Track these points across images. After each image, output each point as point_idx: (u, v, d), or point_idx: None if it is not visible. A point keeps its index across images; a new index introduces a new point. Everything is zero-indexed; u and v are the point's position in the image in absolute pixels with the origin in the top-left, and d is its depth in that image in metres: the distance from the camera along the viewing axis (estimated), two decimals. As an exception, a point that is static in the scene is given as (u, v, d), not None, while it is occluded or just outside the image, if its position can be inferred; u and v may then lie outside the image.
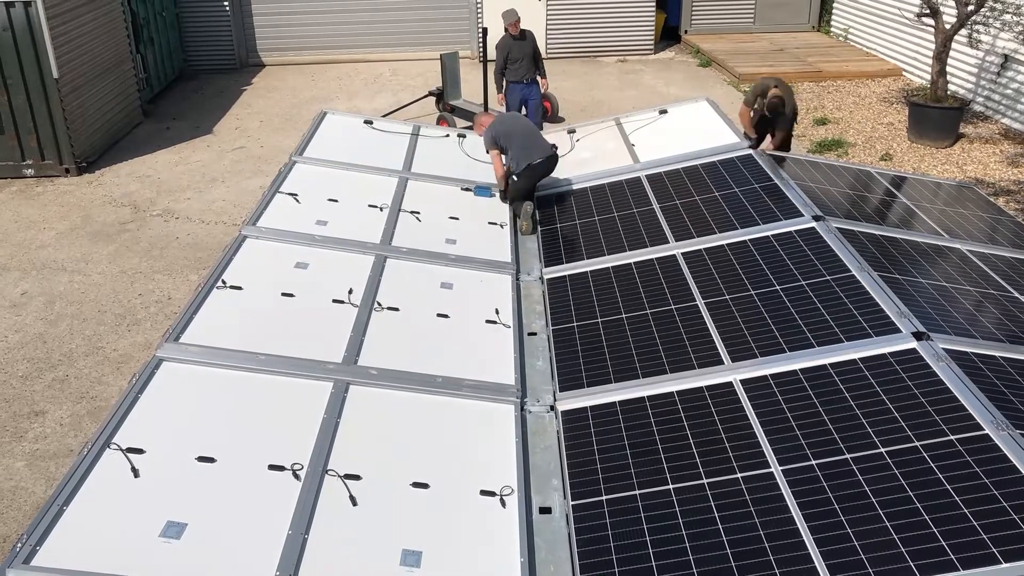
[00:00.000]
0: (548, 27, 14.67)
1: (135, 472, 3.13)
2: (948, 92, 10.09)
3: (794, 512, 3.01)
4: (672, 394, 3.77)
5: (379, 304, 4.46)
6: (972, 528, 2.77)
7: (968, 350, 3.69)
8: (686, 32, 15.51)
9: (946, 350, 3.62)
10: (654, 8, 14.77)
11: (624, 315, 4.45)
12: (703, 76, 13.59)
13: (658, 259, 4.92)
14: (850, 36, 14.64)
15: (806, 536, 2.90)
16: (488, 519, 3.19)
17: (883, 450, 3.16)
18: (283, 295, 4.41)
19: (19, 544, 2.75)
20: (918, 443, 3.15)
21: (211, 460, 3.24)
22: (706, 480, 3.25)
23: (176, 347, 3.85)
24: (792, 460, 3.23)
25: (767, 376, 3.72)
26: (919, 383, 3.44)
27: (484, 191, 6.12)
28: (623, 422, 3.67)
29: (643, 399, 3.78)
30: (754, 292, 4.36)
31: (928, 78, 11.24)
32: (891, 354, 3.65)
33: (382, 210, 5.55)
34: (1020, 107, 10.32)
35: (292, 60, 14.73)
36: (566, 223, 5.69)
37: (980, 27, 9.99)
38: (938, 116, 9.89)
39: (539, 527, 3.24)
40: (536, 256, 5.38)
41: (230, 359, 3.83)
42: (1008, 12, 9.61)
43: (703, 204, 5.46)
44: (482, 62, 10.56)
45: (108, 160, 10.40)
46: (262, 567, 2.82)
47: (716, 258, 4.78)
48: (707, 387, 3.76)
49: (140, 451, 3.23)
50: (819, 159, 6.34)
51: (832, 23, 15.30)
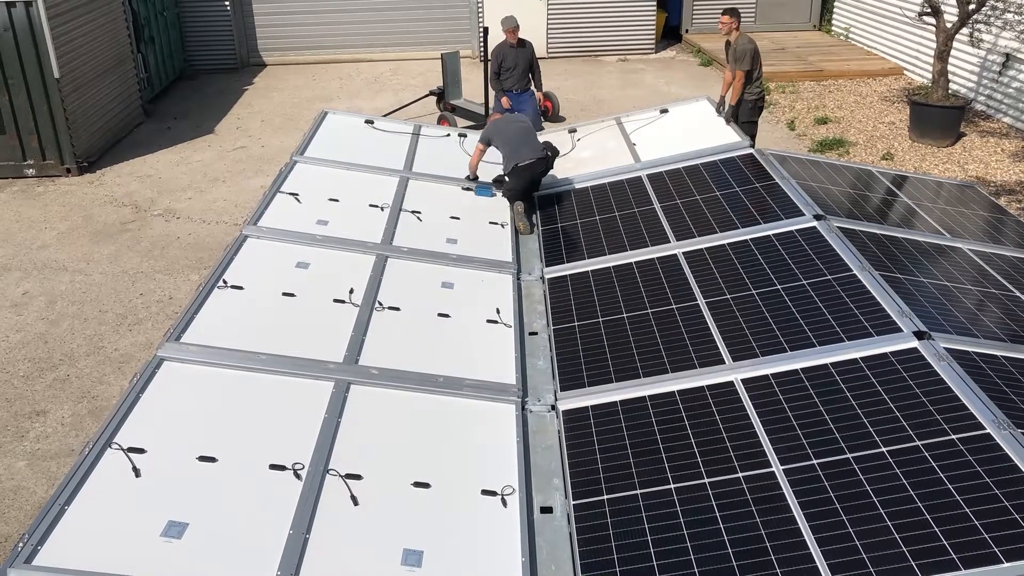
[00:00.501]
0: (549, 27, 14.67)
1: (136, 472, 3.13)
2: (949, 91, 10.08)
3: (795, 511, 3.01)
4: (673, 393, 3.77)
5: (380, 304, 4.46)
6: (973, 527, 2.76)
7: (969, 349, 3.69)
8: (687, 31, 15.50)
9: (947, 349, 3.62)
10: (655, 7, 14.77)
11: (625, 314, 4.45)
12: (704, 75, 13.58)
13: (659, 258, 4.92)
14: (851, 35, 14.62)
15: (807, 535, 2.90)
16: (489, 518, 3.19)
17: (884, 449, 3.16)
18: (284, 295, 4.41)
19: (21, 544, 2.75)
20: (919, 442, 3.15)
21: (212, 460, 3.24)
22: (707, 479, 3.25)
23: (177, 347, 3.85)
24: (793, 459, 3.23)
25: (768, 375, 3.72)
26: (920, 382, 3.43)
27: (485, 190, 6.13)
28: (624, 421, 3.67)
29: (644, 399, 3.78)
30: (755, 291, 4.36)
31: (929, 77, 11.23)
32: (892, 353, 3.64)
33: (383, 210, 5.55)
34: (1022, 106, 10.32)
35: (293, 60, 14.73)
36: (567, 222, 5.69)
37: (982, 26, 9.99)
38: (939, 115, 9.88)
39: (540, 526, 3.24)
40: (537, 256, 5.38)
41: (231, 359, 3.83)
42: (1010, 11, 9.60)
43: (704, 203, 5.45)
44: (483, 61, 10.57)
45: (109, 160, 10.40)
46: (263, 567, 2.82)
47: (717, 257, 4.78)
48: (708, 386, 3.76)
49: (141, 451, 3.24)
50: (820, 158, 6.33)
51: (833, 22, 15.29)
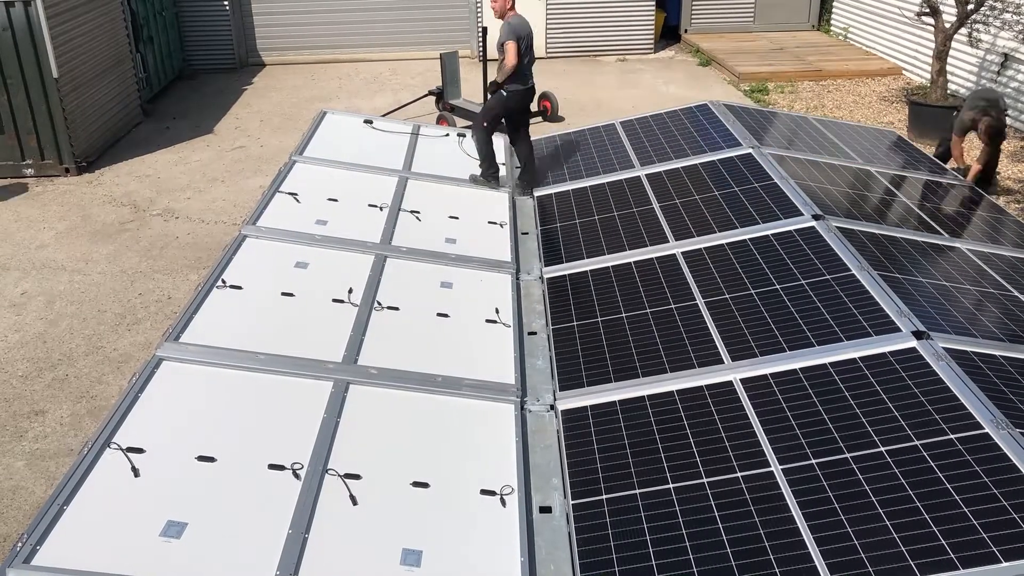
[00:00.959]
0: (548, 26, 14.67)
1: (135, 472, 3.13)
2: (948, 91, 10.09)
3: (794, 511, 3.01)
4: (672, 393, 3.77)
5: (379, 303, 4.46)
6: (972, 527, 2.77)
7: (968, 349, 3.69)
8: (686, 31, 15.50)
9: (946, 349, 3.62)
10: (654, 7, 14.77)
11: (624, 314, 4.45)
12: (703, 75, 13.59)
13: (658, 258, 4.92)
14: (850, 35, 14.63)
15: (806, 535, 2.90)
16: (488, 518, 3.19)
17: (883, 449, 3.16)
18: (283, 295, 4.41)
19: (19, 543, 2.75)
20: (918, 442, 3.15)
21: (211, 459, 3.24)
22: (706, 479, 3.25)
23: (176, 346, 3.85)
24: (792, 459, 3.24)
25: (767, 375, 3.72)
26: (919, 382, 3.44)
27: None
28: (623, 421, 3.67)
29: (643, 398, 3.78)
30: (754, 291, 4.36)
31: (928, 77, 11.24)
32: (891, 353, 3.65)
33: (382, 209, 5.55)
34: (1020, 106, 10.32)
35: (292, 60, 14.73)
36: (566, 222, 5.69)
37: (980, 26, 9.99)
38: (938, 115, 9.89)
39: (539, 526, 3.24)
40: (536, 255, 5.38)
41: (230, 358, 3.83)
42: (1008, 11, 9.61)
43: (703, 203, 5.46)
44: (482, 61, 10.56)
45: (108, 160, 10.39)
46: (262, 566, 2.82)
47: (716, 257, 4.78)
48: (707, 386, 3.76)
49: (140, 451, 3.24)
50: (819, 158, 6.34)
51: (832, 22, 15.30)
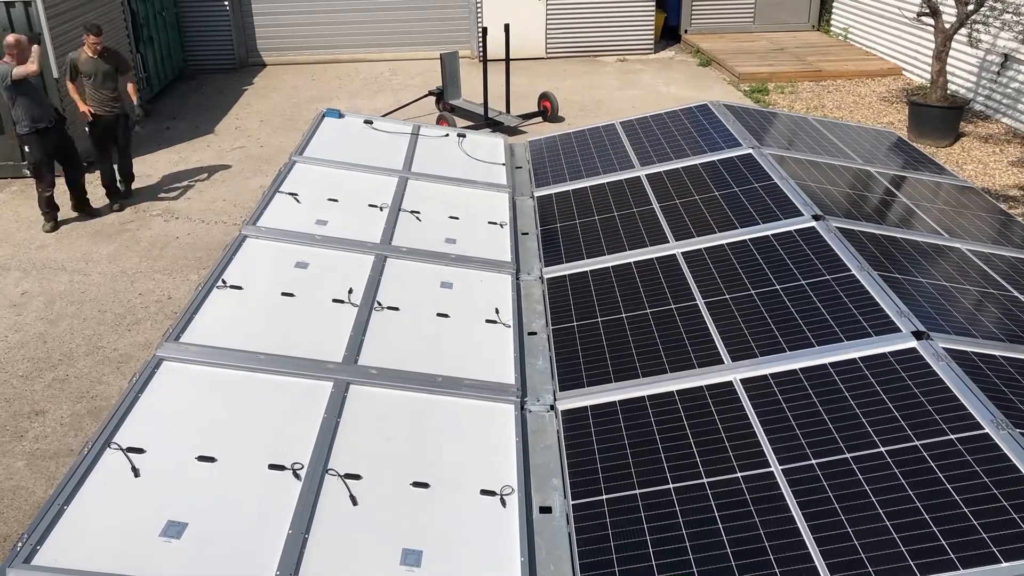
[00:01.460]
0: (548, 27, 14.67)
1: (135, 472, 3.13)
2: (948, 91, 10.09)
3: (794, 511, 3.01)
4: (672, 393, 3.77)
5: (379, 304, 4.46)
6: (972, 527, 2.77)
7: (968, 349, 3.69)
8: (686, 32, 15.51)
9: (946, 349, 3.62)
10: (654, 8, 14.77)
11: (624, 314, 4.45)
12: (703, 75, 13.59)
13: (658, 259, 4.92)
14: (850, 35, 14.64)
15: (806, 535, 2.90)
16: (488, 518, 3.19)
17: (883, 449, 3.16)
18: (283, 295, 4.41)
19: (20, 543, 2.75)
20: (918, 442, 3.15)
21: (211, 460, 3.24)
22: (706, 479, 3.25)
23: (176, 346, 3.85)
24: (792, 459, 3.24)
25: (767, 375, 3.72)
26: (919, 382, 3.44)
27: (333, 112, 6.85)
28: (623, 421, 3.67)
29: (643, 398, 3.78)
30: (754, 291, 4.37)
31: (928, 77, 11.24)
32: (891, 353, 3.65)
33: (382, 210, 5.55)
34: (1020, 107, 10.32)
35: (292, 60, 14.73)
36: (566, 223, 5.69)
37: (980, 26, 10.00)
38: (938, 115, 9.90)
39: (539, 526, 3.24)
40: (536, 256, 5.38)
41: (230, 359, 3.83)
42: (1008, 11, 9.61)
43: (703, 203, 5.46)
44: (481, 61, 10.56)
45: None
46: (262, 566, 2.82)
47: (716, 257, 4.78)
48: (707, 386, 3.76)
49: (140, 451, 3.24)
50: (819, 159, 6.34)
51: (832, 22, 15.30)
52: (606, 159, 6.65)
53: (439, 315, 4.46)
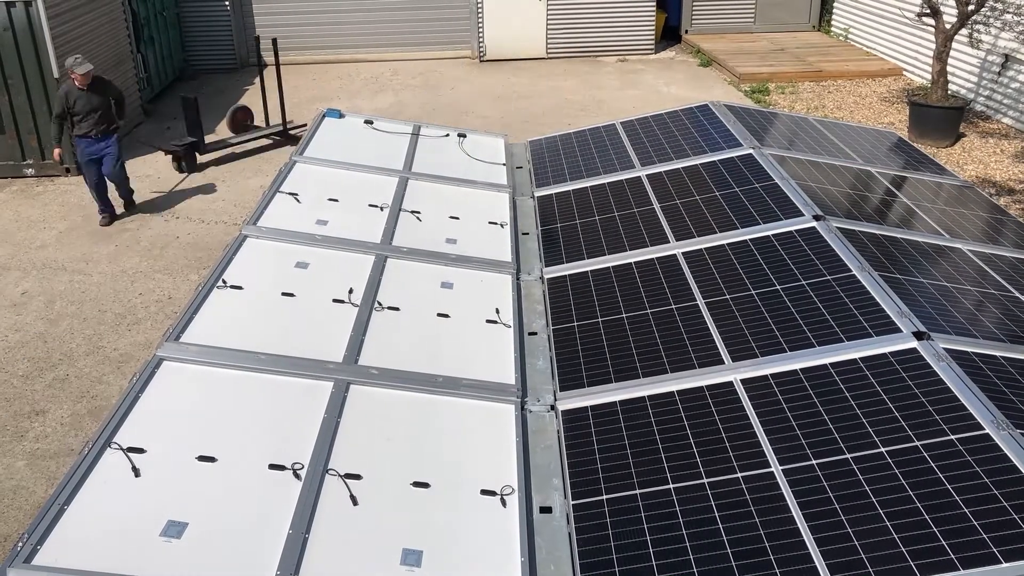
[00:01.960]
0: (548, 27, 14.68)
1: (136, 471, 3.13)
2: (949, 92, 10.09)
3: (794, 512, 3.01)
4: (672, 394, 3.77)
5: (379, 304, 4.46)
6: (972, 528, 2.77)
7: (969, 350, 3.69)
8: (686, 32, 15.51)
9: (947, 350, 3.62)
10: (654, 8, 14.77)
11: (624, 315, 4.45)
12: (704, 76, 13.59)
13: (658, 259, 4.92)
14: (850, 36, 14.64)
15: (806, 535, 2.90)
16: (489, 518, 3.19)
17: (883, 450, 3.16)
18: (283, 295, 4.41)
19: (20, 543, 2.75)
20: (918, 443, 3.15)
21: (212, 459, 3.24)
22: (706, 480, 3.25)
23: (176, 346, 3.85)
24: (792, 460, 3.24)
25: (767, 376, 3.72)
26: (919, 383, 3.44)
27: (333, 112, 6.87)
28: (623, 422, 3.67)
29: (643, 399, 3.78)
30: (754, 292, 4.36)
31: (929, 78, 11.24)
32: (892, 354, 3.65)
33: (382, 210, 5.55)
34: (1021, 107, 10.32)
35: (293, 60, 14.73)
36: (566, 223, 5.69)
37: (981, 27, 10.00)
38: (939, 116, 9.90)
39: (539, 526, 3.24)
40: (536, 256, 5.38)
41: (231, 358, 3.83)
42: (1009, 12, 9.61)
43: (703, 204, 5.46)
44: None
45: (109, 160, 10.38)
46: (263, 566, 2.82)
47: (716, 258, 4.78)
48: (707, 387, 3.76)
49: (141, 450, 3.24)
50: (820, 159, 6.34)
51: (832, 23, 15.30)
52: (607, 159, 6.65)
53: (439, 315, 4.46)
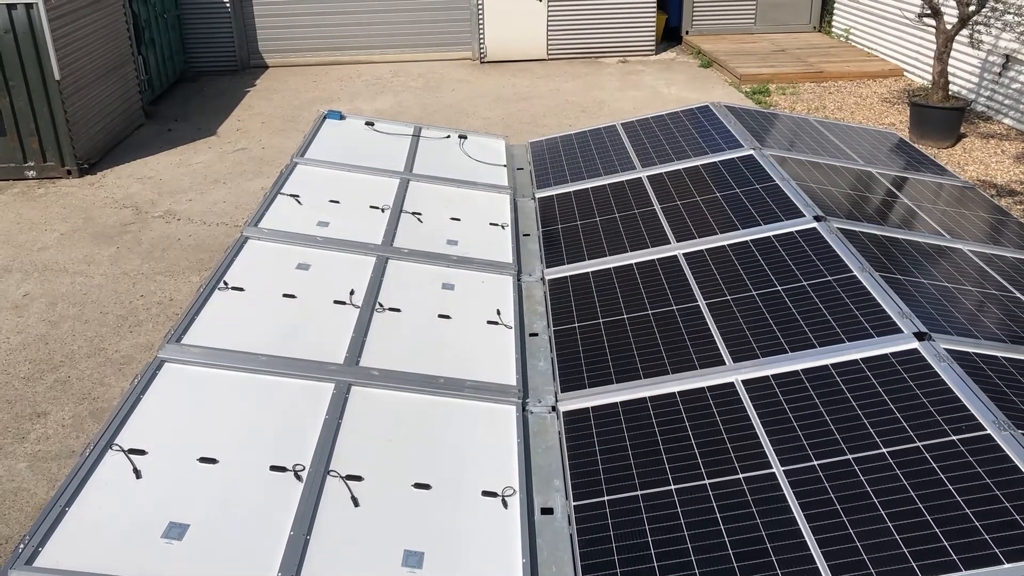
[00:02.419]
0: (549, 28, 14.68)
1: (137, 473, 3.14)
2: (950, 92, 10.09)
3: (796, 512, 3.01)
4: (674, 394, 3.77)
5: (381, 305, 4.46)
6: (974, 528, 2.77)
7: (970, 350, 3.69)
8: (687, 33, 15.51)
9: (948, 350, 3.62)
10: (655, 9, 14.78)
11: (625, 316, 4.45)
12: (704, 77, 13.59)
13: (659, 260, 4.92)
14: (851, 36, 14.64)
15: (808, 536, 2.90)
16: (490, 520, 3.19)
17: (885, 450, 3.16)
18: (285, 296, 4.41)
19: (21, 545, 2.76)
20: (920, 443, 3.15)
21: (213, 461, 3.24)
22: (708, 480, 3.25)
23: (178, 348, 3.85)
24: (794, 460, 3.23)
25: (768, 376, 3.72)
26: (921, 383, 3.44)
27: (334, 114, 6.87)
28: (625, 423, 3.67)
29: (644, 400, 3.78)
30: (755, 292, 4.36)
31: (929, 78, 11.24)
32: (893, 354, 3.65)
33: (383, 211, 5.55)
34: (1022, 108, 10.32)
35: (294, 61, 14.75)
36: (567, 224, 5.69)
37: (981, 27, 10.00)
38: (939, 116, 9.89)
39: (541, 528, 3.24)
40: (537, 257, 5.38)
41: (232, 360, 3.83)
42: (1010, 12, 9.61)
43: (704, 204, 5.46)
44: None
45: (110, 162, 10.41)
46: (264, 568, 2.82)
47: (717, 259, 4.78)
48: (709, 387, 3.76)
49: (142, 452, 3.24)
50: (820, 160, 6.34)
51: (833, 24, 15.31)
52: (607, 160, 6.65)
53: (441, 316, 4.47)
